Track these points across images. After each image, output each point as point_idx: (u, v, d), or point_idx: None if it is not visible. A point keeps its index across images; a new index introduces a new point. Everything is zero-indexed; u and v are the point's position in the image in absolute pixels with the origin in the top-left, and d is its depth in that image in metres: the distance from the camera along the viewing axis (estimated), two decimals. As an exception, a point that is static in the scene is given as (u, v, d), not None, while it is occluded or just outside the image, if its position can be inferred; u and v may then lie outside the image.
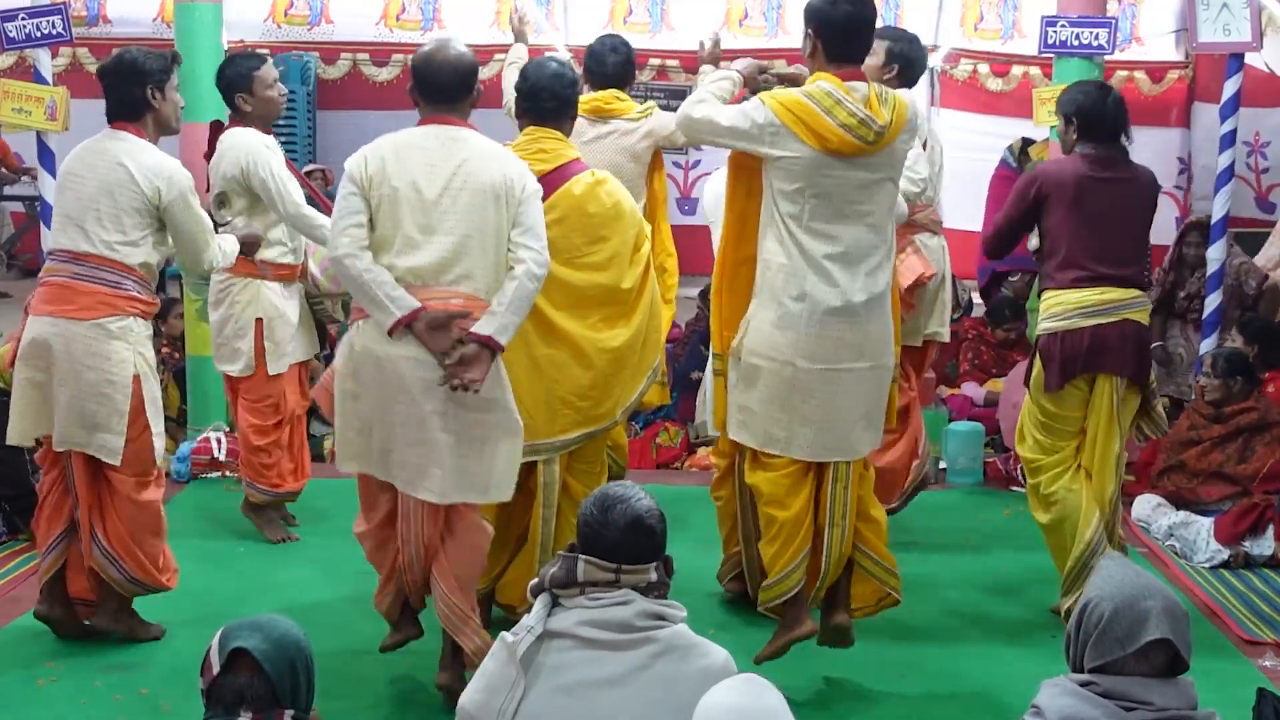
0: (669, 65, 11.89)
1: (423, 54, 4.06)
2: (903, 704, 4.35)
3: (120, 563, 4.59)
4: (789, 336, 4.05)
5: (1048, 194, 4.82)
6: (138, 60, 4.60)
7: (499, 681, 2.80)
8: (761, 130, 4.01)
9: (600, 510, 2.87)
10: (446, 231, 3.89)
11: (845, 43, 4.08)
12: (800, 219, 4.03)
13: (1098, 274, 4.78)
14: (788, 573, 4.18)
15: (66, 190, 4.56)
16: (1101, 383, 4.82)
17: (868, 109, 3.98)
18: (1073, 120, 4.87)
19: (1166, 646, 2.60)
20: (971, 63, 11.86)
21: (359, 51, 11.92)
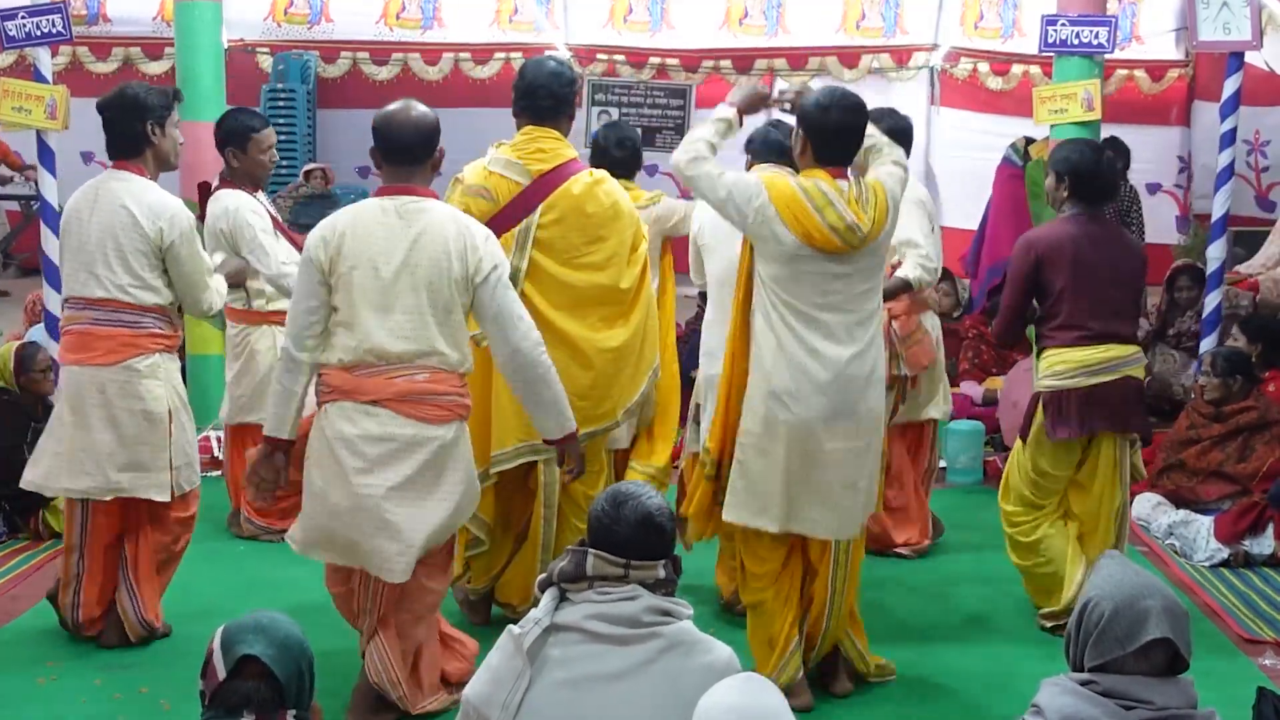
0: (669, 64, 11.88)
1: (384, 113, 3.98)
2: (903, 703, 4.35)
3: (139, 601, 4.62)
4: (782, 413, 4.06)
5: (1045, 257, 4.80)
6: (139, 96, 4.57)
7: (504, 674, 2.81)
8: (756, 211, 4.00)
9: (612, 506, 2.90)
10: (405, 310, 3.83)
11: (835, 147, 4.10)
12: (785, 302, 4.04)
13: (1098, 332, 4.79)
14: (790, 652, 4.20)
15: (70, 235, 4.55)
16: (1106, 442, 4.85)
17: (852, 214, 3.99)
18: (1064, 179, 4.86)
19: (1166, 645, 2.60)
20: (972, 61, 11.86)
21: (359, 50, 11.92)
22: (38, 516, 5.90)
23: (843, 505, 4.15)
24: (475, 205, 4.53)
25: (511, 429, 4.54)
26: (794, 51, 11.67)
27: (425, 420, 3.86)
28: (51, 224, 6.49)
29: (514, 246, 4.51)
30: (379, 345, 3.83)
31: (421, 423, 3.86)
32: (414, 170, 3.96)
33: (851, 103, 4.10)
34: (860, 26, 11.78)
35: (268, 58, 11.57)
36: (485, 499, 4.63)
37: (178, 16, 7.57)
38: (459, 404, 3.94)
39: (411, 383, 3.84)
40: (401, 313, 3.83)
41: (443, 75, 11.76)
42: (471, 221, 3.97)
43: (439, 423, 3.88)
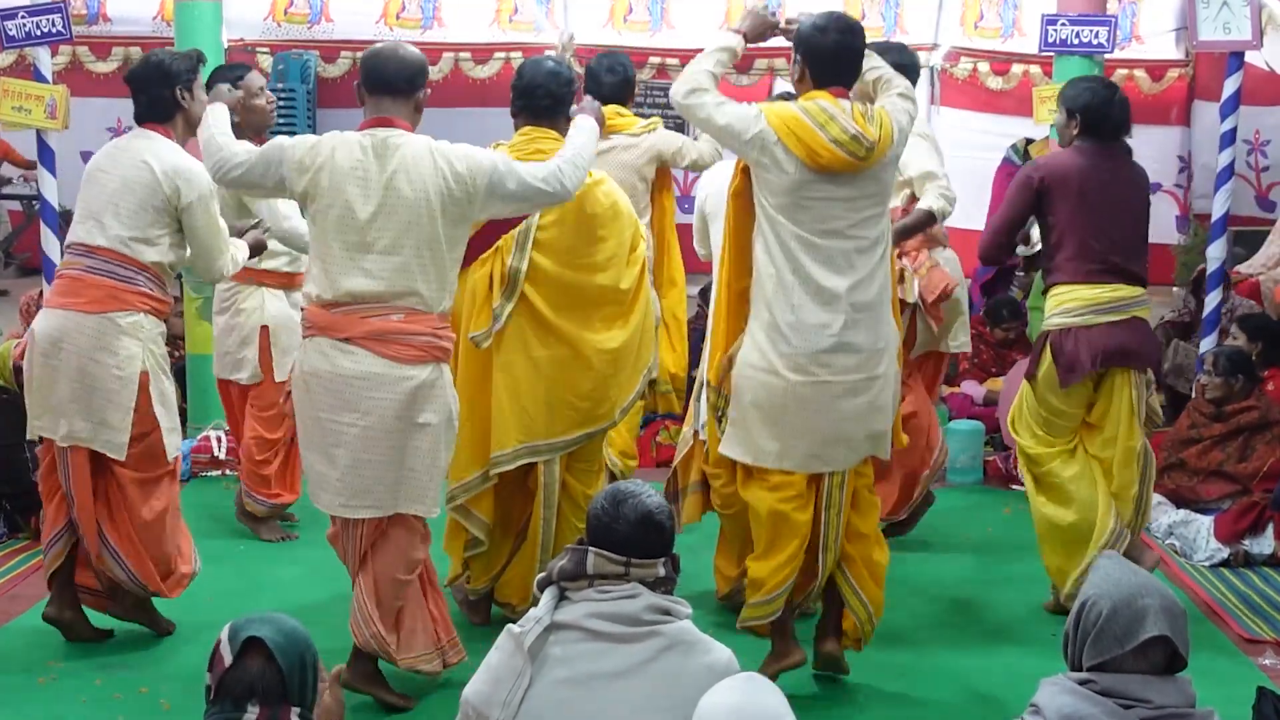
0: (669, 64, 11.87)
1: (372, 49, 4.10)
2: (903, 703, 4.36)
3: (124, 562, 4.57)
4: (779, 349, 4.03)
5: (1050, 186, 4.74)
6: (165, 62, 4.61)
7: (504, 673, 2.81)
8: (755, 139, 3.98)
9: (612, 505, 2.90)
10: (382, 251, 3.87)
11: (834, 70, 4.07)
12: (788, 233, 4.00)
13: (1110, 267, 4.73)
14: (778, 594, 4.16)
15: (91, 185, 4.57)
16: (1120, 380, 4.80)
17: (857, 126, 3.97)
18: (1075, 116, 4.80)
19: (1165, 644, 2.60)
20: (971, 61, 11.85)
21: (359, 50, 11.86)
22: (38, 516, 5.89)
23: (845, 436, 4.09)
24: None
25: (511, 430, 4.55)
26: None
27: (398, 360, 3.89)
28: (51, 224, 6.50)
29: (514, 247, 4.51)
30: (355, 286, 3.88)
31: (394, 362, 3.89)
32: (395, 103, 3.99)
33: (849, 24, 4.09)
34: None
35: (267, 57, 11.56)
36: (484, 499, 4.64)
37: (178, 16, 7.57)
38: (435, 345, 3.96)
39: (385, 322, 3.89)
40: (378, 254, 3.86)
41: (442, 75, 11.74)
42: (449, 149, 3.96)
43: (413, 362, 3.91)
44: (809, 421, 4.06)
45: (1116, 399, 4.82)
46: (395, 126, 3.95)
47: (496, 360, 4.55)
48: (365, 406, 3.90)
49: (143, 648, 4.68)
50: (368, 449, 3.93)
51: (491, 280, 4.54)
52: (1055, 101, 5.88)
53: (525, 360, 4.54)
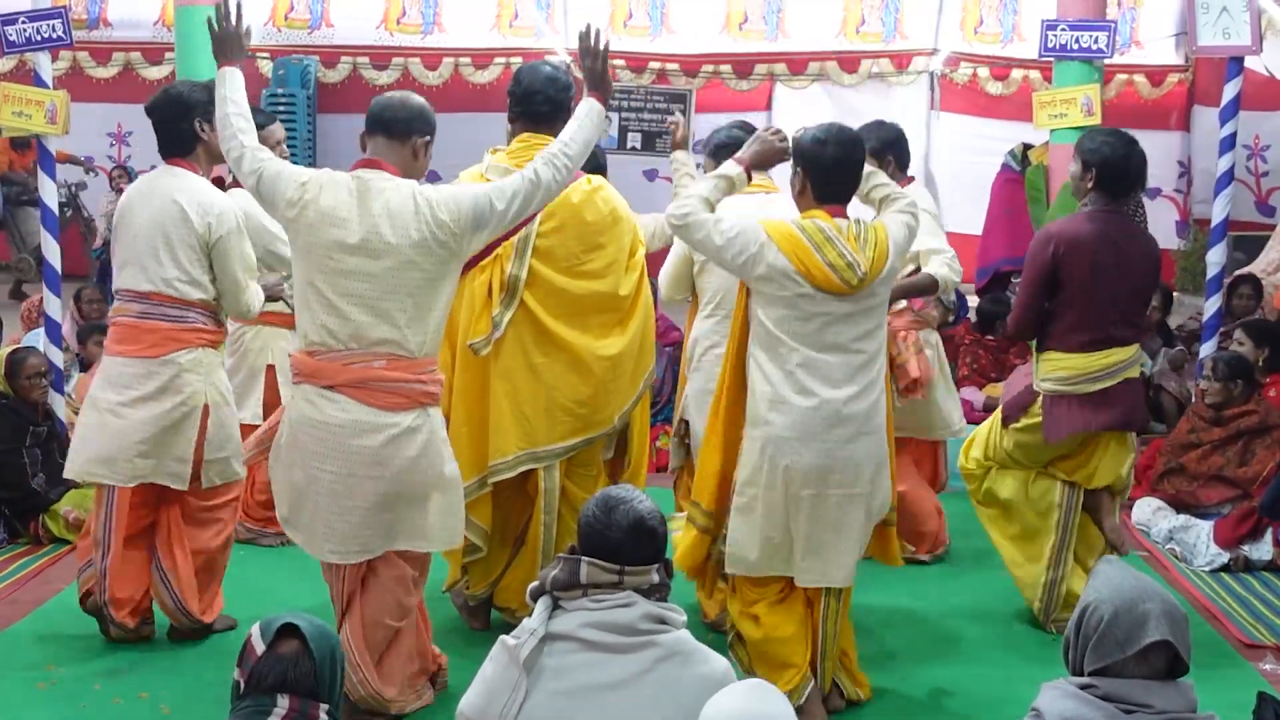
0: (669, 69, 11.90)
1: (385, 96, 4.06)
2: (904, 708, 4.35)
3: (175, 592, 4.64)
4: (780, 459, 4.01)
5: (1064, 257, 4.67)
6: (183, 94, 4.64)
7: (499, 685, 2.80)
8: (758, 254, 3.96)
9: (603, 511, 2.88)
10: (362, 295, 3.81)
11: (833, 183, 4.07)
12: (790, 350, 3.99)
13: (1105, 337, 4.72)
14: (801, 683, 4.14)
15: (125, 229, 4.60)
16: (1105, 439, 4.84)
17: (852, 253, 3.95)
18: (1092, 170, 4.72)
19: (1166, 649, 2.60)
20: (971, 66, 11.89)
21: (359, 55, 11.95)
22: (38, 521, 5.90)
23: (839, 551, 4.07)
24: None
25: (511, 437, 4.54)
26: (794, 56, 11.70)
27: (383, 408, 3.84)
28: (50, 228, 6.50)
29: (513, 255, 4.50)
30: (336, 330, 3.84)
31: (379, 409, 3.84)
32: (389, 146, 3.94)
33: (848, 137, 4.07)
34: (860, 31, 11.81)
35: (268, 62, 11.59)
36: (482, 505, 4.63)
37: (178, 21, 7.60)
38: (421, 391, 3.90)
39: (368, 369, 3.84)
40: (358, 298, 3.81)
41: (443, 80, 11.78)
42: (434, 194, 3.88)
43: (396, 410, 3.85)
44: (806, 533, 4.04)
45: (1100, 452, 4.86)
46: (384, 170, 3.89)
47: (495, 368, 4.54)
48: (349, 453, 3.85)
49: (143, 653, 4.66)
50: (353, 495, 3.87)
51: (490, 288, 4.53)
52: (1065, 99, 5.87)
53: (525, 367, 4.53)
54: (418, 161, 3.99)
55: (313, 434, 3.88)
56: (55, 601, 5.16)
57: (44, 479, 5.89)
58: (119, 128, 11.87)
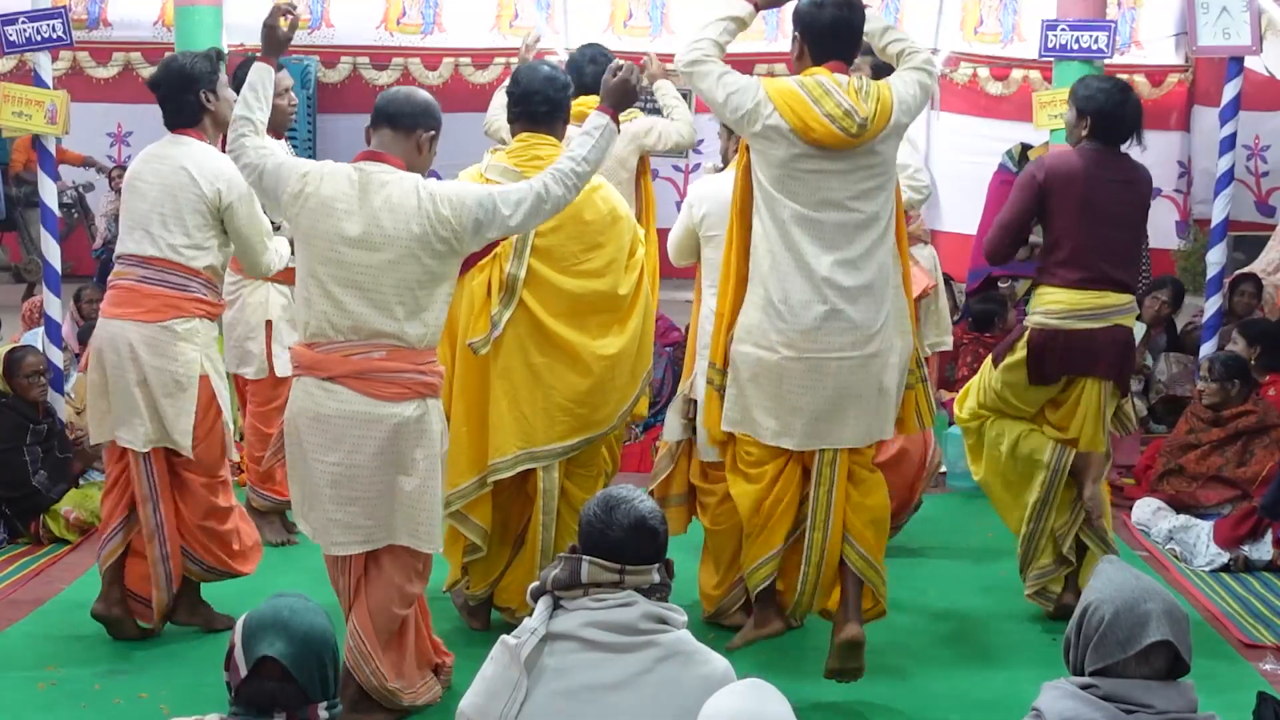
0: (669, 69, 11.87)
1: (391, 89, 4.08)
2: (903, 707, 4.35)
3: (195, 555, 4.71)
4: (774, 325, 4.01)
5: (1054, 187, 4.71)
6: (185, 66, 4.66)
7: (500, 685, 2.79)
8: (754, 110, 3.95)
9: (604, 511, 2.88)
10: (362, 287, 3.83)
11: (832, 45, 4.05)
12: (783, 208, 3.98)
13: (1100, 275, 4.74)
14: (760, 564, 4.16)
15: (132, 195, 4.64)
16: (1089, 386, 4.83)
17: (851, 102, 3.94)
18: (1086, 116, 4.76)
19: (1167, 649, 2.60)
20: (971, 66, 11.87)
21: (359, 55, 11.94)
22: (38, 521, 5.90)
23: (841, 413, 4.05)
24: (473, 212, 4.52)
25: (510, 436, 4.54)
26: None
27: (382, 398, 3.87)
28: (50, 228, 6.50)
29: (512, 254, 4.51)
30: (336, 321, 3.86)
31: (378, 400, 3.86)
32: (394, 138, 3.95)
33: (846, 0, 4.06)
34: (860, 31, 11.81)
35: (268, 62, 11.58)
36: (481, 505, 4.63)
37: (178, 21, 7.59)
38: (420, 382, 3.92)
39: (368, 360, 3.86)
40: (359, 289, 3.83)
41: (443, 80, 11.76)
42: (438, 188, 3.88)
43: (397, 400, 3.87)
44: (804, 398, 4.03)
45: (1085, 402, 4.84)
46: (387, 162, 3.91)
47: (495, 367, 4.55)
48: (350, 445, 3.87)
49: (142, 653, 4.67)
50: (355, 487, 3.90)
51: (490, 287, 4.54)
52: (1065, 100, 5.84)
53: (524, 366, 4.53)
54: (422, 155, 3.99)
55: (314, 426, 3.90)
56: (55, 601, 5.16)
57: (45, 477, 5.90)
58: (119, 127, 11.87)
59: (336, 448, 3.88)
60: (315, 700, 2.57)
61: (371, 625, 4.00)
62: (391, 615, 4.04)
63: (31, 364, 5.98)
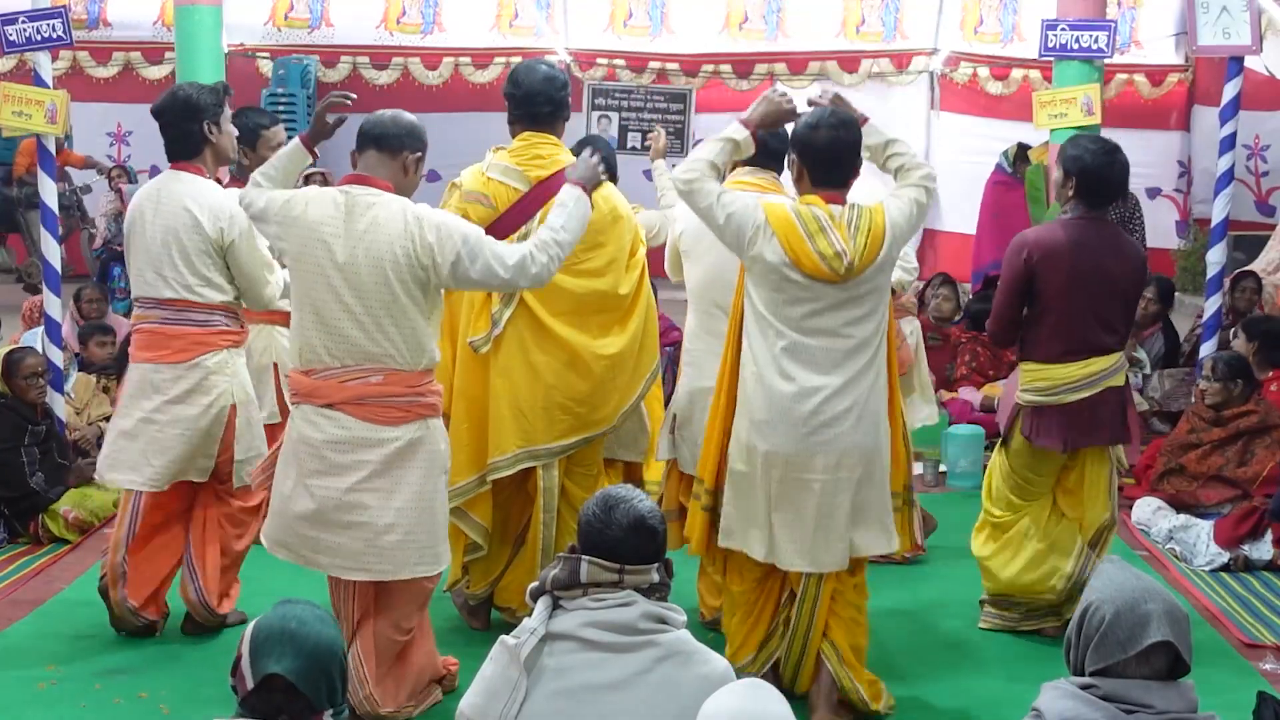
0: (669, 68, 11.89)
1: (374, 114, 4.03)
2: (903, 707, 4.34)
3: (200, 587, 4.72)
4: (760, 443, 4.00)
5: (1038, 262, 4.61)
6: (191, 96, 4.66)
7: (499, 685, 2.79)
8: (755, 233, 3.96)
9: (603, 510, 2.88)
10: (353, 311, 3.81)
11: (829, 168, 4.04)
12: (772, 328, 3.98)
13: (1084, 345, 4.64)
14: (745, 664, 4.15)
15: (138, 236, 4.64)
16: (1088, 453, 4.77)
17: (841, 243, 3.91)
18: (1073, 177, 4.65)
19: (1167, 649, 2.60)
20: (971, 66, 11.88)
21: (359, 55, 11.94)
22: (37, 521, 5.90)
23: (818, 538, 4.02)
24: (474, 211, 4.52)
25: (509, 435, 4.54)
26: (794, 56, 11.69)
27: (382, 423, 3.86)
28: (51, 228, 6.50)
29: (513, 253, 4.51)
30: (330, 347, 3.85)
31: (377, 425, 3.86)
32: (380, 159, 3.92)
33: (841, 119, 4.04)
34: (860, 31, 11.81)
35: (268, 62, 11.58)
36: (481, 503, 4.64)
37: (178, 21, 7.59)
38: (419, 404, 3.90)
39: (365, 385, 3.84)
40: (350, 313, 3.81)
41: (443, 80, 11.77)
42: (426, 214, 3.86)
43: (396, 424, 3.87)
44: (791, 516, 4.01)
45: (1089, 473, 4.79)
46: (374, 185, 3.88)
47: (495, 365, 4.55)
48: (351, 470, 3.86)
49: (142, 653, 4.67)
50: (358, 513, 3.88)
51: (491, 285, 4.55)
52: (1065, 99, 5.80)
53: (524, 365, 4.53)
54: (409, 178, 3.97)
55: (313, 453, 3.89)
56: (55, 601, 5.16)
57: (43, 478, 5.90)
58: (119, 127, 11.87)
59: (338, 473, 3.86)
60: (321, 709, 2.57)
61: (374, 652, 3.99)
62: (395, 642, 4.04)
63: (30, 365, 5.98)
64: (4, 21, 6.31)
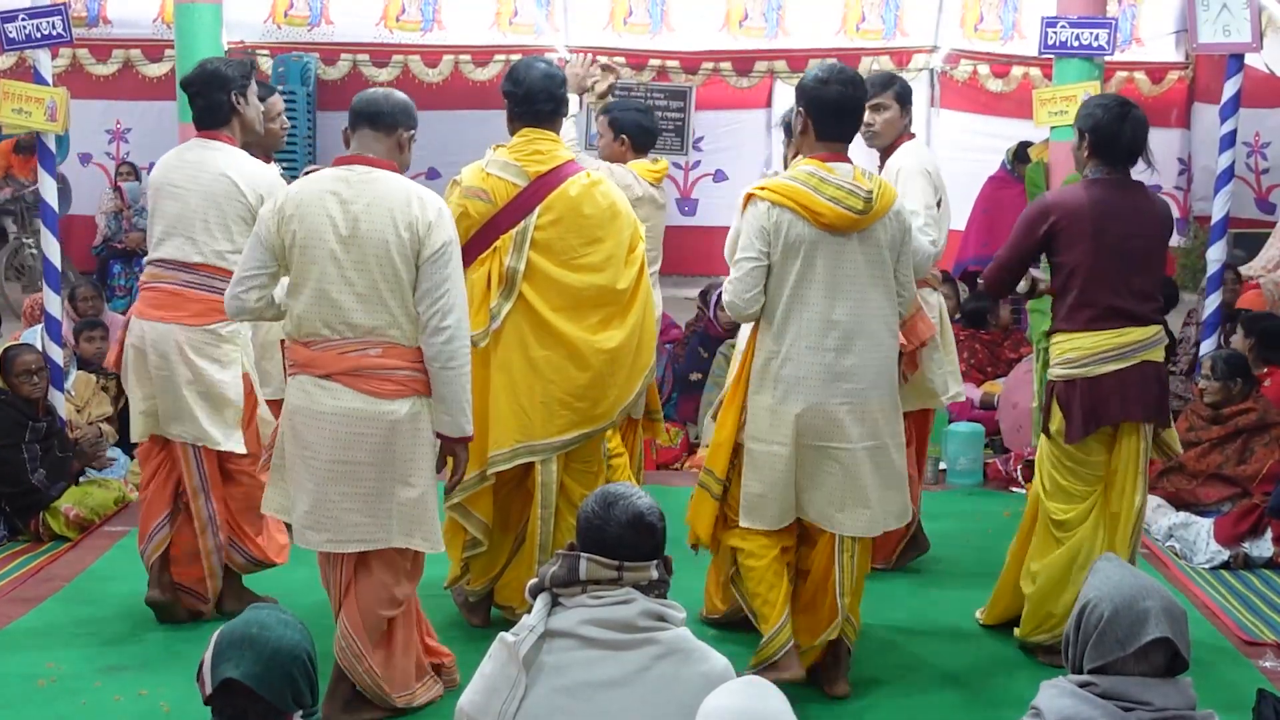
0: (669, 66, 11.88)
1: (366, 91, 4.10)
2: (903, 705, 4.35)
3: (242, 546, 4.85)
4: (783, 416, 4.09)
5: (1063, 227, 4.46)
6: (220, 69, 4.79)
7: (499, 682, 2.79)
8: (770, 225, 4.06)
9: (602, 507, 2.89)
10: (354, 284, 3.85)
11: (836, 122, 4.12)
12: (794, 298, 4.08)
13: (1117, 312, 4.45)
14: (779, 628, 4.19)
15: (169, 201, 4.71)
16: (1126, 429, 4.53)
17: (853, 181, 4.04)
18: (1085, 136, 4.52)
19: (1166, 646, 2.60)
20: (971, 63, 11.87)
21: (359, 52, 11.93)
22: (38, 519, 5.90)
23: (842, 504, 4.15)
24: (473, 207, 4.54)
25: (509, 430, 4.55)
26: (793, 53, 11.68)
27: (377, 395, 3.88)
28: (50, 226, 6.50)
29: (511, 248, 4.53)
30: (330, 319, 3.88)
31: (373, 397, 3.88)
32: (375, 137, 3.98)
33: (850, 76, 4.14)
34: (860, 28, 11.79)
35: (268, 60, 11.57)
36: (483, 500, 4.64)
37: (178, 18, 7.58)
38: (415, 379, 3.92)
39: (363, 358, 3.88)
40: (350, 286, 3.85)
41: (443, 77, 11.77)
42: (427, 194, 3.93)
43: (392, 397, 3.89)
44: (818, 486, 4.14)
45: (1124, 451, 4.56)
46: (371, 164, 3.93)
47: (494, 360, 4.56)
48: (346, 442, 3.88)
49: (143, 650, 4.67)
50: (350, 483, 3.91)
51: (490, 280, 4.55)
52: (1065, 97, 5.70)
53: (523, 360, 4.54)
54: (403, 154, 4.04)
55: (309, 424, 3.92)
56: (55, 599, 5.16)
57: (44, 475, 5.89)
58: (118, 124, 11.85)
59: (333, 444, 3.89)
60: (288, 711, 2.57)
61: (361, 624, 4.00)
62: (379, 616, 4.04)
63: (24, 362, 5.97)
64: (4, 19, 6.31)
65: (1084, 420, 4.48)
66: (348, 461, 3.89)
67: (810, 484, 4.16)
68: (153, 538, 4.81)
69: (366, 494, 3.92)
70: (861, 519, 4.18)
